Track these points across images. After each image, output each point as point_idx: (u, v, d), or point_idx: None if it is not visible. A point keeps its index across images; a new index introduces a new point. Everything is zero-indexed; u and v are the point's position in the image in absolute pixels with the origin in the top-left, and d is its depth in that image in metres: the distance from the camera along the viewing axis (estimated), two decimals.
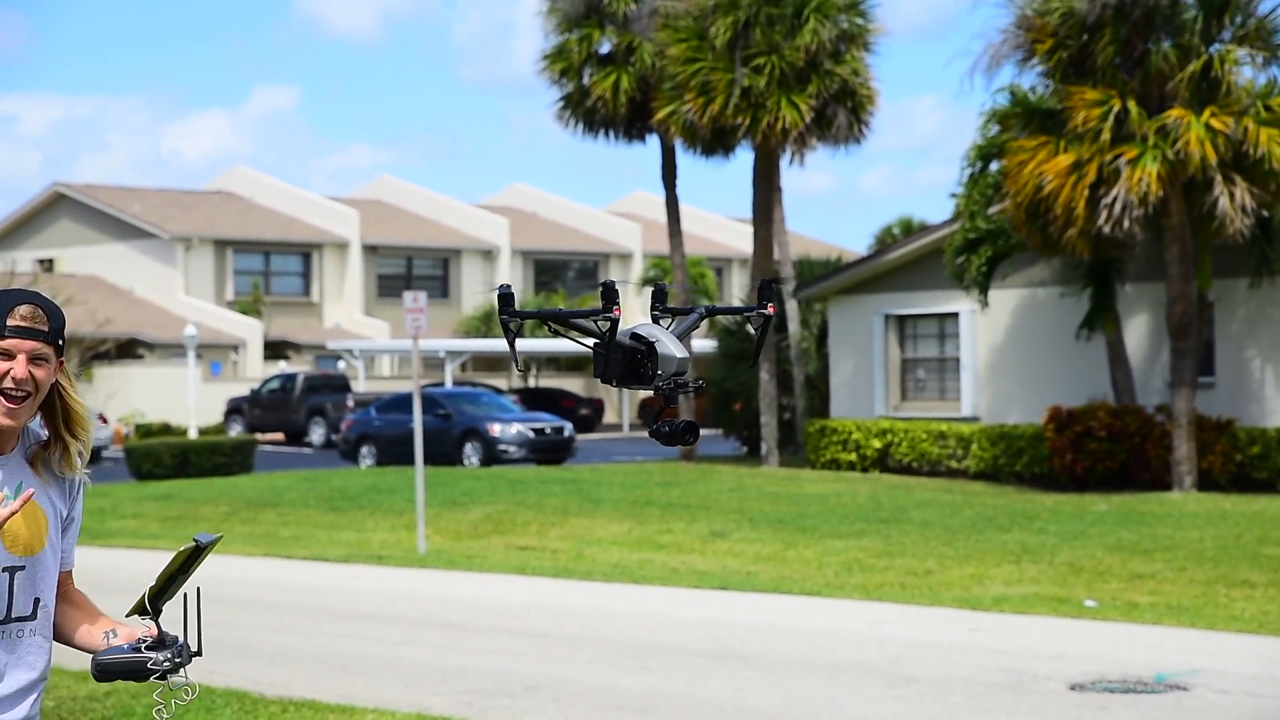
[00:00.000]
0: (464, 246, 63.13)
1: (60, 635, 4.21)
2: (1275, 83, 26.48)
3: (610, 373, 4.90)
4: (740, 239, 68.46)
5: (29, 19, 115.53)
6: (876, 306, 33.28)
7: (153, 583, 3.98)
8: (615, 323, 4.75)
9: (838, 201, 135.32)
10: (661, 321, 4.98)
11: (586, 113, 36.02)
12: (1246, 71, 26.70)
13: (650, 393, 5.11)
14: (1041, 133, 26.89)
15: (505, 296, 4.76)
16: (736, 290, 65.85)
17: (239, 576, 18.57)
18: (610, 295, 4.68)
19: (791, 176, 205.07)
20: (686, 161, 35.26)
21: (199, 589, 4.02)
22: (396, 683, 11.90)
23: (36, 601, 4.07)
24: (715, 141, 33.64)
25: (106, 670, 4.01)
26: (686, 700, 11.27)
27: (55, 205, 61.03)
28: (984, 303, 30.07)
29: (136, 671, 3.98)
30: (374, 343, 54.67)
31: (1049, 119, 27.03)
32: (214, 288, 57.56)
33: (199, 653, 4.02)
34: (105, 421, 43.40)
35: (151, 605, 3.98)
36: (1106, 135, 25.83)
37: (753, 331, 5.45)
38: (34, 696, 4.07)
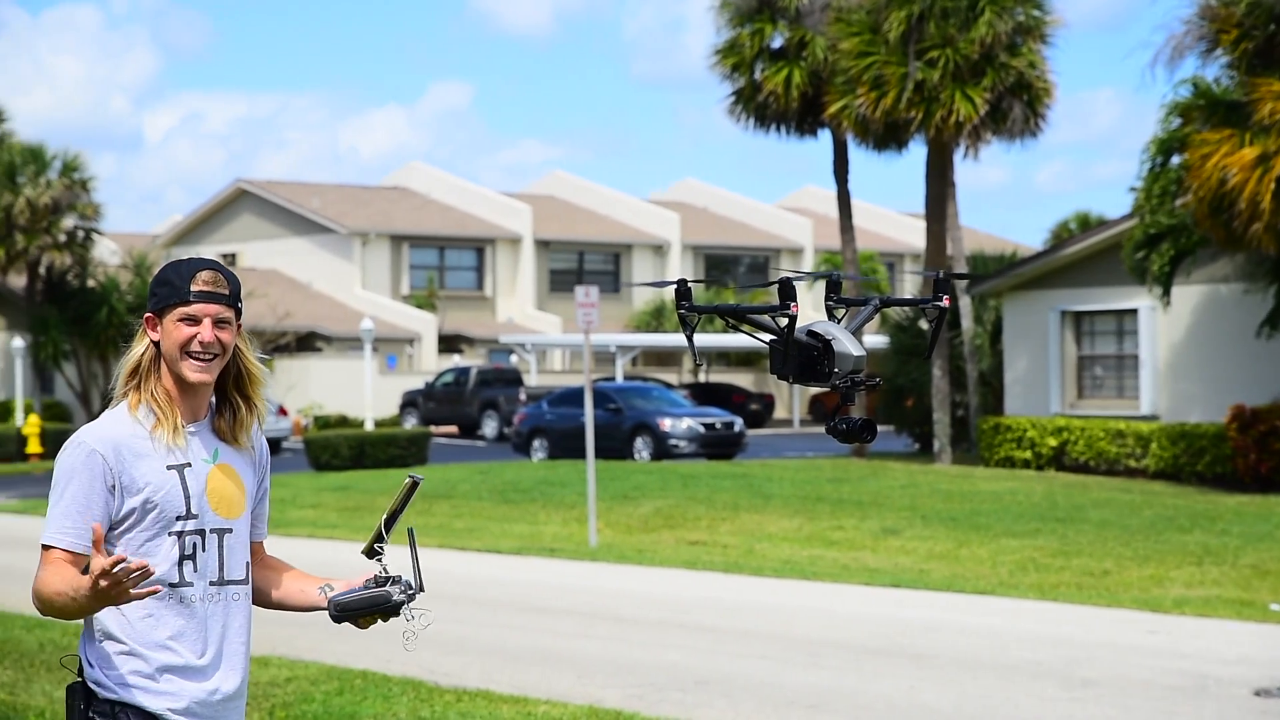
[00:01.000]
0: (635, 241, 63.37)
1: (259, 599, 4.46)
2: None
3: (787, 370, 4.89)
4: (913, 234, 67.86)
5: (212, 19, 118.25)
6: (1052, 302, 32.77)
7: (383, 516, 4.38)
8: (793, 320, 4.74)
9: (1012, 196, 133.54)
10: (836, 313, 4.96)
11: (758, 108, 35.94)
12: None
13: (814, 390, 5.10)
14: (1226, 125, 26.25)
15: (683, 290, 4.78)
16: (909, 287, 65.29)
17: None
18: (787, 292, 4.65)
19: (965, 170, 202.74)
20: (858, 156, 35.12)
21: (412, 529, 4.46)
22: (569, 674, 11.98)
23: (246, 565, 4.33)
24: (888, 136, 33.39)
25: (347, 608, 4.29)
26: (858, 698, 11.20)
27: (237, 201, 62.40)
28: (1166, 301, 29.42)
29: (378, 605, 4.28)
30: (546, 337, 55.12)
31: (1233, 111, 26.38)
32: (390, 282, 58.43)
33: (422, 588, 4.34)
34: (285, 413, 44.26)
35: (380, 540, 4.39)
36: None
37: (927, 325, 5.42)
38: (248, 658, 4.33)
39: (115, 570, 3.76)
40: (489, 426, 46.95)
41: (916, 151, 33.09)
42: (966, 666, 12.31)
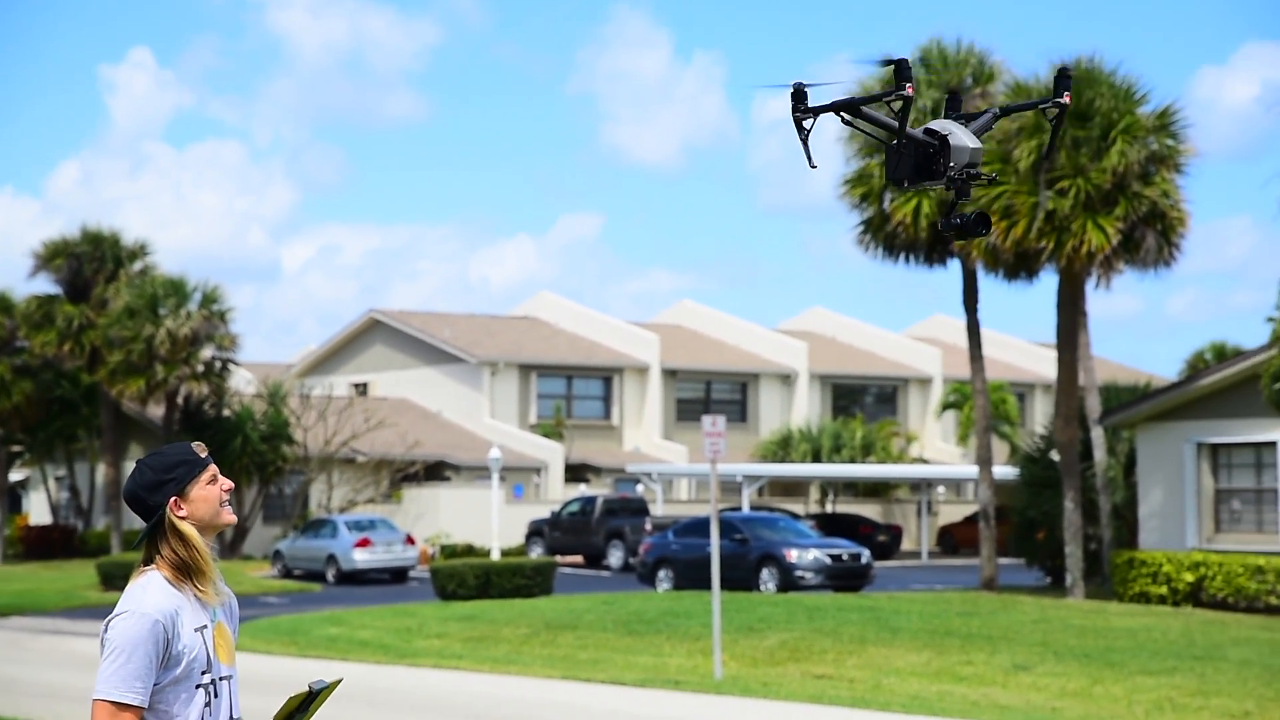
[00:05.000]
0: (762, 371, 63.31)
1: None
2: None
3: (902, 170, 4.79)
4: (1043, 364, 67.17)
5: (348, 154, 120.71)
6: (1188, 434, 32.18)
7: None
8: (909, 101, 4.66)
9: (1145, 325, 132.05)
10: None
11: (886, 237, 35.93)
12: None
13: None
14: None
15: (798, 94, 4.74)
16: (1040, 418, 64.50)
17: (539, 698, 18.70)
18: (903, 73, 4.54)
19: (1097, 300, 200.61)
20: (988, 285, 34.86)
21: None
22: None
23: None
24: (1018, 265, 33.18)
25: None
26: None
27: (370, 331, 63.30)
28: None
29: None
30: (672, 466, 55.05)
31: None
32: (518, 411, 58.79)
33: None
34: (412, 542, 44.47)
35: None
36: None
37: (1048, 123, 5.26)
38: None
39: None
40: (614, 556, 46.84)
41: (1047, 281, 33.07)
42: None
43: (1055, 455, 35.69)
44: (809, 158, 5.00)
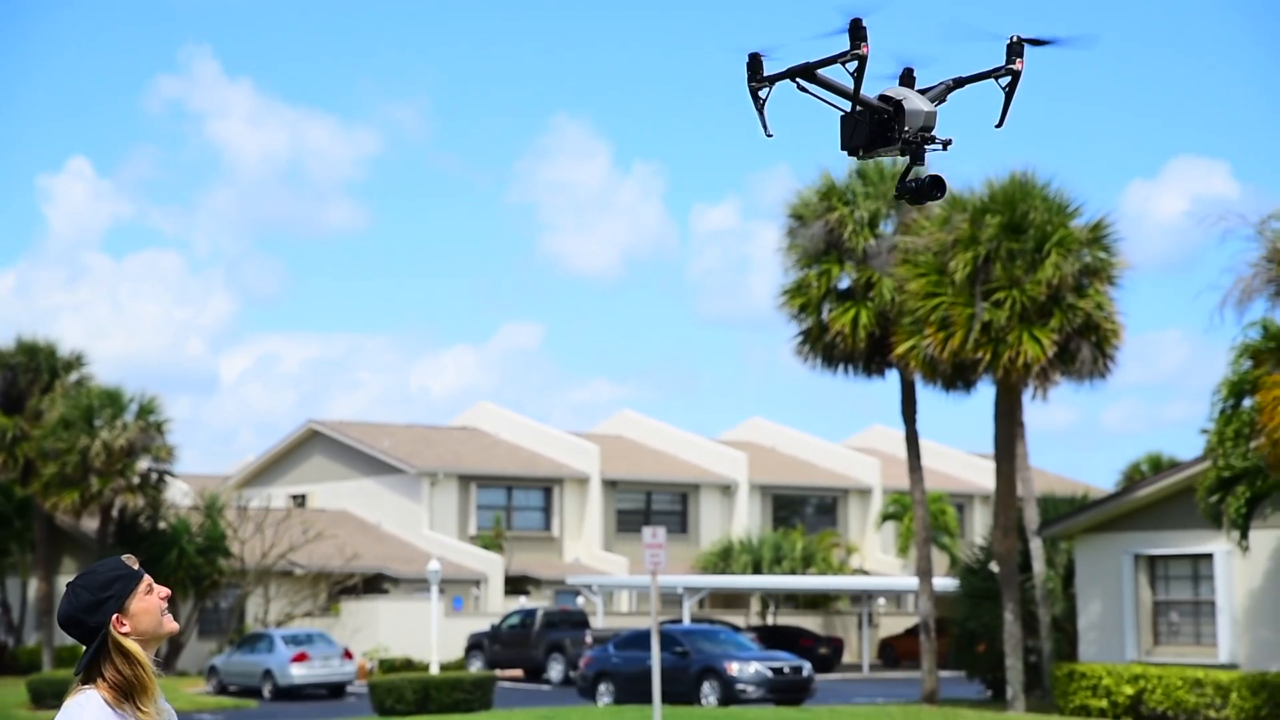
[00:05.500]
0: (702, 481, 63.24)
1: None
2: None
3: (857, 138, 4.77)
4: (982, 475, 67.40)
5: (287, 263, 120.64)
6: (1125, 546, 32.29)
7: None
8: (863, 61, 4.65)
9: (1081, 437, 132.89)
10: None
11: (825, 347, 36.12)
12: None
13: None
14: None
15: (754, 64, 4.73)
16: (979, 529, 64.63)
17: None
18: (858, 32, 4.52)
19: (1034, 411, 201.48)
20: (926, 396, 35.06)
21: None
22: None
23: None
24: (955, 376, 33.38)
25: None
26: None
27: (309, 442, 62.91)
28: (1245, 546, 28.89)
29: None
30: (613, 578, 54.75)
31: None
32: (458, 522, 58.42)
33: None
34: (350, 657, 43.94)
35: None
36: None
37: (1001, 88, 5.23)
38: None
39: None
40: (555, 670, 46.42)
41: (985, 392, 33.16)
42: None
43: (994, 567, 35.75)
44: (765, 127, 5.03)
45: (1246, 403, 28.34)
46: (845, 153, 5.19)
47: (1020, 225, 32.14)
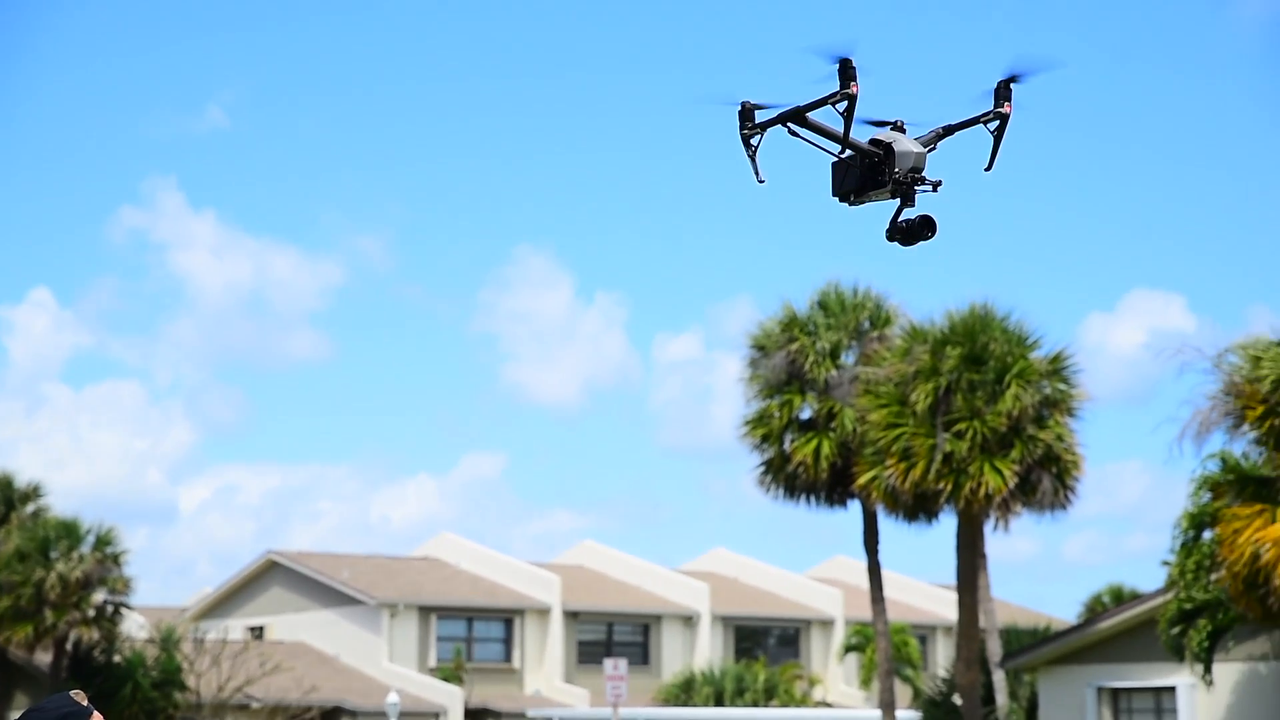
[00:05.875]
0: (664, 612, 62.83)
1: None
2: None
3: (848, 183, 4.76)
4: (944, 606, 67.18)
5: (248, 393, 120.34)
6: (1088, 678, 32.17)
7: None
8: (853, 99, 4.70)
9: (1043, 568, 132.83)
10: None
11: (788, 478, 36.11)
12: None
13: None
14: (1256, 500, 26.23)
15: (745, 112, 4.79)
16: (942, 660, 64.33)
17: None
18: (847, 71, 4.54)
19: (996, 542, 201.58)
20: (888, 526, 35.09)
21: None
22: None
23: None
24: (917, 507, 33.40)
25: None
26: None
27: (267, 573, 62.34)
28: (1209, 679, 28.82)
29: None
30: (574, 711, 54.16)
31: (1263, 486, 26.40)
32: (417, 654, 57.81)
33: None
34: None
35: None
36: None
37: (989, 133, 5.20)
38: None
39: None
40: None
41: (947, 523, 33.34)
42: None
43: (958, 699, 35.55)
44: (756, 173, 5.09)
45: (1207, 535, 28.45)
46: (836, 199, 5.25)
47: (981, 357, 32.35)
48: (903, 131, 5.03)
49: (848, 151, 5.21)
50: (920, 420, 32.17)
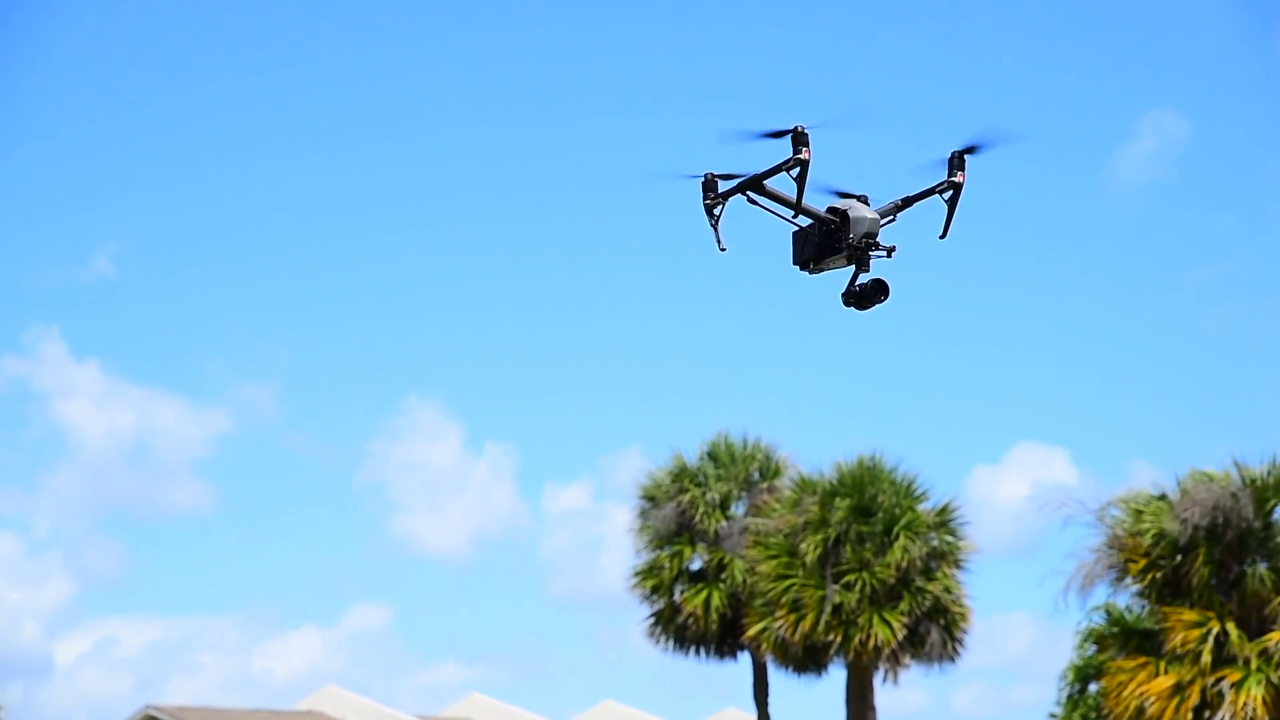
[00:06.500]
0: None
1: None
2: None
3: (807, 251, 4.92)
4: None
5: (129, 544, 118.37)
6: None
7: None
8: (805, 165, 4.93)
9: (933, 719, 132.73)
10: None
11: (677, 629, 35.94)
12: None
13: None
14: (1140, 653, 26.48)
15: (709, 183, 5.02)
16: None
17: None
18: (800, 138, 4.69)
19: (885, 694, 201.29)
20: (778, 678, 35.05)
21: None
22: None
23: None
24: (807, 658, 33.32)
25: None
26: None
27: None
28: None
29: None
30: None
31: (1147, 639, 26.66)
32: None
33: None
34: None
35: None
36: (1207, 657, 25.40)
37: (944, 201, 5.35)
38: None
39: None
40: None
41: (836, 675, 33.31)
42: None
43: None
44: (719, 242, 5.40)
45: (1093, 687, 28.66)
46: (796, 268, 5.52)
47: (869, 508, 32.54)
48: (866, 203, 5.32)
49: (808, 220, 5.48)
50: (810, 571, 32.22)
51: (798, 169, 4.87)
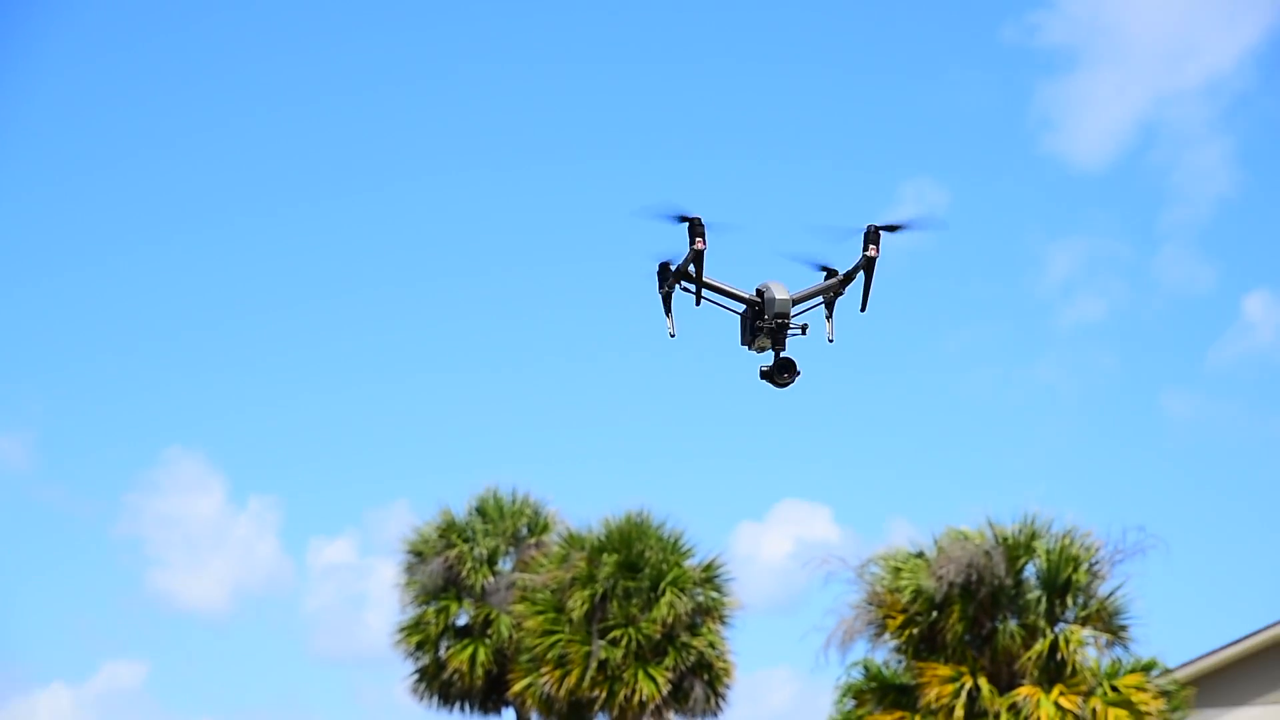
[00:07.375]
0: None
1: None
2: (1119, 663, 27.06)
3: (745, 334, 5.29)
4: None
5: None
6: None
7: None
8: (700, 255, 5.37)
9: None
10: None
11: (442, 685, 35.73)
12: (1091, 651, 27.27)
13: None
14: (896, 708, 27.08)
15: (663, 269, 5.43)
16: None
17: None
18: (695, 228, 5.07)
19: None
20: None
21: None
22: None
23: None
24: (572, 714, 33.37)
25: None
26: None
27: None
28: None
29: None
30: None
31: (903, 694, 27.28)
32: None
33: None
34: None
35: None
36: (960, 712, 26.07)
37: (860, 276, 5.68)
38: None
39: None
40: None
41: None
42: None
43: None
44: (670, 326, 5.88)
45: None
46: (744, 347, 6.01)
47: (636, 564, 32.79)
48: (847, 280, 5.78)
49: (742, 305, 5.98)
50: (576, 627, 32.32)
51: (693, 258, 5.26)
